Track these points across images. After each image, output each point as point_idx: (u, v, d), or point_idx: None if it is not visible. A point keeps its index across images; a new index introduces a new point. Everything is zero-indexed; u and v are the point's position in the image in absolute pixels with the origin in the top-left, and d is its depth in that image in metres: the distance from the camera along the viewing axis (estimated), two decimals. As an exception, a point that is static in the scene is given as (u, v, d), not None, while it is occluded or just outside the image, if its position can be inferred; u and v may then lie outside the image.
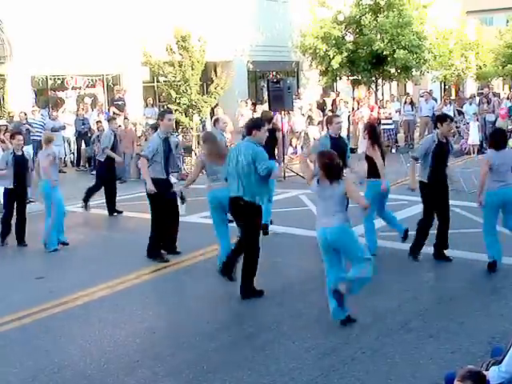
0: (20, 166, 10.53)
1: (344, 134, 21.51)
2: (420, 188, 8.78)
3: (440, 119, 8.82)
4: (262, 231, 8.17)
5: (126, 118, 19.39)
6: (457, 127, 21.48)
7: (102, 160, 13.05)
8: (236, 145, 7.97)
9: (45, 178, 10.26)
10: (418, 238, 8.83)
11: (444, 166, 8.73)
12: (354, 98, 25.67)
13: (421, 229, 8.81)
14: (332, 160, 6.56)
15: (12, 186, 10.53)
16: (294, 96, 20.21)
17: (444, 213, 8.83)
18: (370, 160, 9.12)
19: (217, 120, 12.27)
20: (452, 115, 21.89)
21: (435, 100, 25.17)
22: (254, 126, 7.66)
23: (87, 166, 19.61)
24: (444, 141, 8.67)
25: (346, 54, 23.05)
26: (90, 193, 12.98)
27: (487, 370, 4.49)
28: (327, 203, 6.58)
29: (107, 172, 13.03)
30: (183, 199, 9.30)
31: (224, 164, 7.83)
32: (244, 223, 7.59)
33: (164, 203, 9.23)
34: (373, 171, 9.09)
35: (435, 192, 8.64)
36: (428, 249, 9.01)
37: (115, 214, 12.83)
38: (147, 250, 9.42)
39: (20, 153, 10.62)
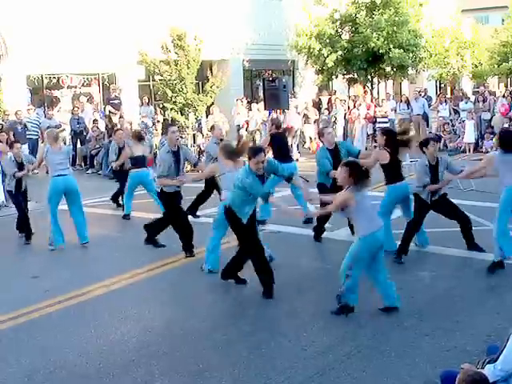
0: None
1: (340, 132, 21.68)
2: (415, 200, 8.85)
3: (423, 144, 8.78)
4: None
5: (121, 117, 19.39)
6: (452, 125, 21.52)
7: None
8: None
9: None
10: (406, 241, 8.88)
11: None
12: (349, 97, 25.69)
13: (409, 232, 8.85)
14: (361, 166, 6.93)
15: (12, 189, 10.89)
16: (289, 95, 20.25)
17: (459, 215, 8.93)
18: (385, 166, 9.07)
19: (213, 127, 12.52)
20: (448, 113, 22.09)
21: (430, 98, 25.20)
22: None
23: (83, 165, 19.61)
24: (434, 163, 8.68)
25: (340, 52, 23.05)
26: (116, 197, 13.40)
27: (482, 368, 4.50)
28: (369, 206, 6.87)
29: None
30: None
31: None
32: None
33: (178, 214, 9.58)
34: (390, 176, 9.08)
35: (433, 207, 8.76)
36: (425, 248, 9.06)
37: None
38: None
39: (20, 160, 10.90)
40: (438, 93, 31.08)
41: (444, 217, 9.10)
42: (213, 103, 20.91)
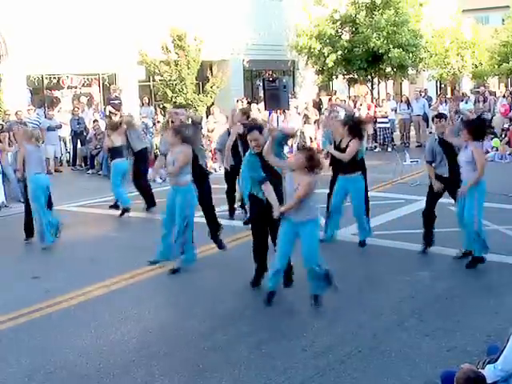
0: None
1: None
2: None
3: (432, 119, 9.41)
4: None
5: (121, 117, 19.35)
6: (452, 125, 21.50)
7: None
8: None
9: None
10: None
11: (453, 161, 8.70)
12: (349, 97, 25.70)
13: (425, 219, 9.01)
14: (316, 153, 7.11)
15: None
16: (289, 95, 20.23)
17: None
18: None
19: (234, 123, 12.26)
20: (447, 114, 22.06)
21: (430, 98, 25.20)
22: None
23: (83, 165, 19.61)
24: (443, 137, 8.78)
25: (340, 52, 23.06)
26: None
27: (483, 368, 4.50)
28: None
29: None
30: None
31: None
32: None
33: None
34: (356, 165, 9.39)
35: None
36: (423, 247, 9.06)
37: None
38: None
39: None
40: (439, 93, 31.12)
41: (450, 196, 9.07)
42: (213, 103, 20.91)
